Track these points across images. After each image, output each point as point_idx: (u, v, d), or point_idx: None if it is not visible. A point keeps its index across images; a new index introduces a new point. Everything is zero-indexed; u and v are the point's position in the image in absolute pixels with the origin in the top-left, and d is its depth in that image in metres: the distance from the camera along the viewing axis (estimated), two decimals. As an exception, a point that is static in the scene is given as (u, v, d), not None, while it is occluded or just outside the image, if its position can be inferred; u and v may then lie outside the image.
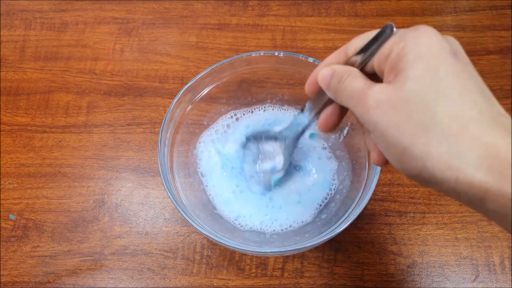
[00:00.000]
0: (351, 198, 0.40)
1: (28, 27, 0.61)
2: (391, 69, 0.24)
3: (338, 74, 0.27)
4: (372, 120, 0.24)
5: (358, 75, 0.27)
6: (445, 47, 0.23)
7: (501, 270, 0.43)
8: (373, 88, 0.25)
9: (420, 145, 0.22)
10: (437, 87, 0.22)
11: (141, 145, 0.52)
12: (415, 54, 0.23)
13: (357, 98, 0.25)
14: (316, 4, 0.60)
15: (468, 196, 0.21)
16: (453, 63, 0.23)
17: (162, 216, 0.48)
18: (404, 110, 0.23)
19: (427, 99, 0.22)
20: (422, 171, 0.23)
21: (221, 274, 0.44)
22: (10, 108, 0.55)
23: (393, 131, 0.23)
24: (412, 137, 0.22)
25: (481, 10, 0.59)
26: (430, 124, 0.22)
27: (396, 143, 0.23)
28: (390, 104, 0.23)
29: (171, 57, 0.57)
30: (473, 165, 0.21)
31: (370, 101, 0.24)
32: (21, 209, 0.48)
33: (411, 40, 0.23)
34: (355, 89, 0.26)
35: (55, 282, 0.45)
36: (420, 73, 0.23)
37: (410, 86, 0.22)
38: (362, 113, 0.25)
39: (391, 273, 0.44)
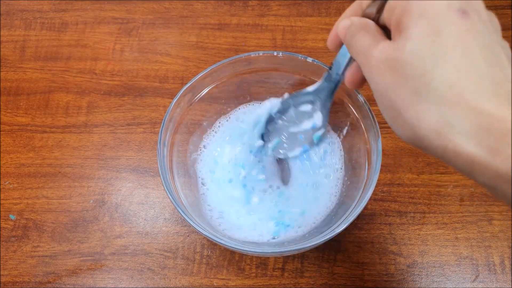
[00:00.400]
0: (351, 198, 0.40)
1: (28, 27, 0.61)
2: (396, 25, 0.23)
3: (354, 27, 0.27)
4: (373, 80, 0.24)
5: (371, 29, 0.26)
6: (454, 4, 0.21)
7: (501, 270, 0.43)
8: (377, 46, 0.24)
9: (413, 112, 0.22)
10: (437, 50, 0.21)
11: (141, 145, 0.52)
12: (419, 10, 0.22)
13: (363, 55, 0.25)
14: (316, 4, 0.60)
15: (456, 165, 0.21)
16: (459, 22, 0.21)
17: (162, 216, 0.48)
18: (401, 73, 0.22)
19: (425, 63, 0.21)
20: (412, 137, 0.22)
21: (221, 274, 0.44)
22: (10, 108, 0.55)
23: (390, 94, 0.23)
24: (407, 102, 0.22)
25: (481, 10, 0.59)
26: (425, 91, 0.21)
27: (391, 106, 0.23)
28: (389, 66, 0.23)
29: (171, 57, 0.57)
30: (464, 136, 0.20)
31: (373, 60, 0.24)
32: (21, 209, 0.48)
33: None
34: (363, 46, 0.25)
35: (55, 282, 0.45)
36: (421, 34, 0.21)
37: (409, 47, 0.22)
38: (366, 72, 0.25)
39: (391, 273, 0.44)
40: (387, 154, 0.49)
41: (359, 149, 0.42)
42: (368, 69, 0.24)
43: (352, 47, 0.27)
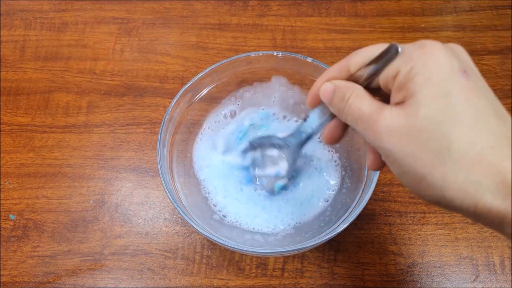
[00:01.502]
0: (351, 198, 0.40)
1: (28, 27, 0.61)
2: (399, 89, 0.24)
3: (341, 91, 0.27)
4: (386, 148, 0.24)
5: (363, 94, 0.26)
6: (455, 66, 0.23)
7: (501, 270, 0.43)
8: (383, 113, 0.24)
9: (438, 175, 0.22)
10: (451, 113, 0.22)
11: (141, 145, 0.52)
12: (425, 76, 0.22)
13: (365, 123, 0.25)
14: (316, 4, 0.60)
15: (487, 221, 0.22)
16: (464, 83, 0.22)
17: (162, 216, 0.48)
18: (419, 139, 0.22)
19: (442, 127, 0.22)
20: (440, 199, 0.23)
21: (221, 274, 0.44)
22: (10, 108, 0.55)
23: (409, 160, 0.23)
24: (429, 166, 0.22)
25: (481, 10, 0.59)
26: (447, 153, 0.22)
27: (412, 172, 0.23)
28: (403, 133, 0.23)
29: (171, 57, 0.57)
30: (490, 193, 0.21)
31: (382, 128, 0.24)
32: (21, 209, 0.48)
33: (419, 61, 0.23)
34: (362, 112, 0.25)
35: (55, 282, 0.45)
36: (432, 99, 0.22)
37: (423, 113, 0.22)
38: (373, 139, 0.24)
39: (391, 273, 0.44)
40: (387, 154, 0.49)
41: (359, 149, 0.42)
42: (378, 136, 0.24)
43: (346, 113, 0.26)
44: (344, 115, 0.27)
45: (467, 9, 0.59)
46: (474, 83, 0.23)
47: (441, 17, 0.59)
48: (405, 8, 0.60)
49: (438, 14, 0.59)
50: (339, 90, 0.27)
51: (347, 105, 0.26)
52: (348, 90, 0.26)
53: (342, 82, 0.27)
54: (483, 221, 0.22)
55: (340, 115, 0.27)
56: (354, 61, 0.27)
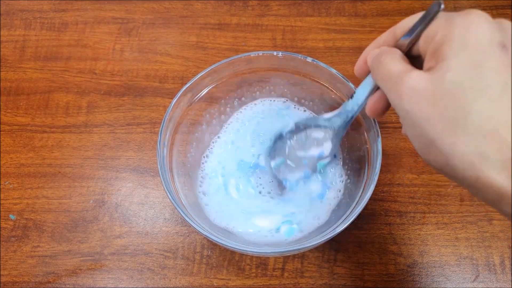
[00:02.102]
0: (351, 198, 0.40)
1: (28, 27, 0.61)
2: (434, 53, 0.23)
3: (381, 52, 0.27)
4: (404, 108, 0.24)
5: (398, 56, 0.26)
6: (495, 38, 0.22)
7: (501, 270, 0.43)
8: (410, 74, 0.24)
9: (447, 141, 0.22)
10: (478, 84, 0.21)
11: (141, 145, 0.52)
12: (461, 42, 0.22)
13: (392, 82, 0.25)
14: (316, 4, 0.60)
15: (485, 196, 0.21)
16: (500, 57, 0.21)
17: (162, 216, 0.48)
18: (439, 104, 0.22)
19: (465, 96, 0.21)
20: (444, 165, 0.23)
21: (221, 274, 0.44)
22: (10, 108, 0.55)
23: (423, 123, 0.23)
24: (441, 132, 0.22)
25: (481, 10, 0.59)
26: (462, 122, 0.21)
27: (424, 135, 0.23)
28: (425, 95, 0.22)
29: (171, 57, 0.57)
30: (496, 168, 0.20)
31: (405, 88, 0.23)
32: (21, 209, 0.48)
33: (459, 26, 0.22)
34: (391, 72, 0.25)
35: (55, 282, 0.45)
36: (463, 66, 0.22)
37: (449, 78, 0.22)
38: (394, 99, 0.24)
39: (391, 273, 0.44)
40: (387, 154, 0.49)
41: (359, 149, 0.42)
42: (398, 96, 0.24)
43: (379, 72, 0.26)
44: (375, 74, 0.27)
45: (467, 9, 0.59)
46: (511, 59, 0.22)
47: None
48: (405, 8, 0.60)
49: (438, 14, 0.59)
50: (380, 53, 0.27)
51: (380, 65, 0.26)
52: (384, 51, 0.26)
53: (387, 47, 0.27)
54: (481, 195, 0.22)
55: (374, 75, 0.27)
56: (400, 25, 0.27)
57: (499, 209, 0.21)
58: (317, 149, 0.41)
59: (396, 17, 0.59)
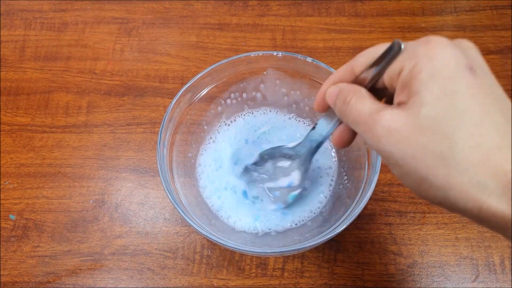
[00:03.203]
0: (351, 198, 0.40)
1: (28, 27, 0.61)
2: (403, 87, 0.23)
3: (344, 93, 0.26)
4: (385, 150, 0.23)
5: (365, 95, 0.25)
6: (461, 62, 0.21)
7: (501, 270, 0.43)
8: (383, 113, 0.23)
9: (441, 176, 0.21)
10: (455, 112, 0.21)
11: (141, 145, 0.52)
12: (429, 73, 0.21)
13: (365, 124, 0.24)
14: (316, 4, 0.60)
15: (490, 225, 0.21)
16: (470, 80, 0.21)
17: (162, 216, 0.48)
18: (421, 139, 0.21)
19: (445, 127, 0.21)
20: (443, 200, 0.22)
21: (221, 274, 0.44)
22: (10, 108, 0.55)
23: (410, 161, 0.22)
24: (431, 168, 0.21)
25: (481, 10, 0.59)
26: (450, 154, 0.21)
27: (413, 173, 0.22)
28: (404, 133, 0.22)
29: (171, 57, 0.57)
30: (496, 196, 0.20)
31: (381, 129, 0.23)
32: (21, 209, 0.48)
33: (424, 56, 0.22)
34: (362, 113, 0.24)
35: (55, 282, 0.45)
36: (436, 97, 0.21)
37: (425, 112, 0.21)
38: (372, 141, 0.24)
39: (391, 273, 0.44)
40: (387, 154, 0.49)
41: (359, 149, 0.42)
42: (376, 139, 0.23)
43: (348, 116, 0.26)
44: (345, 117, 0.26)
45: (467, 9, 0.59)
46: (481, 80, 0.21)
47: (441, 17, 0.59)
48: (405, 8, 0.60)
49: (438, 14, 0.59)
50: (342, 92, 0.26)
51: (348, 107, 0.25)
52: (350, 92, 0.26)
53: (347, 84, 0.27)
54: (487, 224, 0.21)
55: (342, 117, 0.27)
56: (359, 62, 0.27)
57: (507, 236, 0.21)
58: (286, 179, 0.41)
59: (396, 17, 0.59)
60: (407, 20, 0.59)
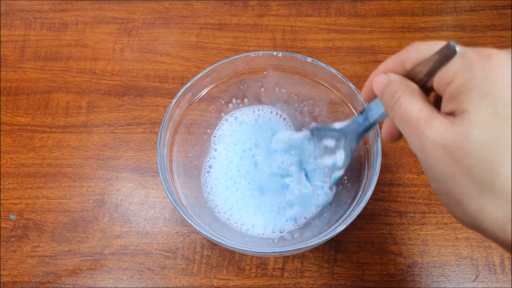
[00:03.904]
0: (351, 198, 0.40)
1: (28, 27, 0.61)
2: (450, 99, 0.22)
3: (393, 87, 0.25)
4: (427, 162, 0.22)
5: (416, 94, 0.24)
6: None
7: (501, 270, 0.43)
8: (431, 124, 0.22)
9: (475, 205, 0.21)
10: (505, 142, 0.19)
11: (141, 145, 0.52)
12: (482, 93, 0.20)
13: (412, 129, 0.23)
14: (316, 4, 0.60)
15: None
16: None
17: (162, 216, 0.48)
18: (464, 163, 0.20)
19: (492, 156, 0.20)
20: (474, 225, 0.21)
21: (221, 274, 0.44)
22: (10, 108, 0.55)
23: (449, 181, 0.21)
24: (468, 194, 0.21)
25: (481, 10, 0.59)
26: (490, 185, 0.20)
27: (450, 193, 0.22)
28: (449, 151, 0.21)
29: (171, 57, 0.57)
30: None
31: (428, 141, 0.22)
32: (21, 209, 0.48)
33: (479, 73, 0.20)
34: (410, 116, 0.23)
35: (55, 282, 0.45)
36: (487, 121, 0.20)
37: (474, 135, 0.20)
38: (415, 148, 0.23)
39: (391, 273, 0.44)
40: (387, 154, 0.49)
41: (359, 149, 0.42)
42: (420, 148, 0.22)
43: (395, 113, 0.24)
44: (392, 113, 0.25)
45: (467, 9, 0.59)
46: None
47: (441, 17, 0.59)
48: (405, 8, 0.60)
49: (438, 14, 0.59)
50: (391, 85, 0.25)
51: (396, 104, 0.24)
52: (400, 88, 0.24)
53: (397, 77, 0.25)
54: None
55: (389, 112, 0.25)
56: (410, 57, 0.25)
57: None
58: (331, 158, 0.40)
59: (396, 17, 0.59)
60: (407, 20, 0.59)
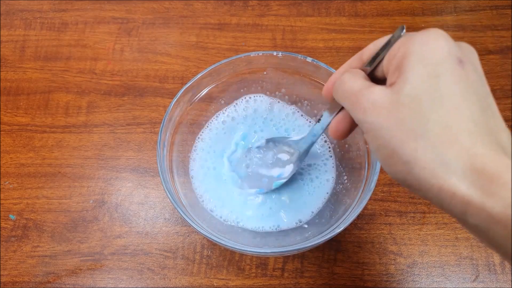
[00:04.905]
0: (351, 198, 0.40)
1: (28, 27, 0.61)
2: (395, 69, 0.24)
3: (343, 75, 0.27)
4: (367, 121, 0.24)
5: (358, 74, 0.26)
6: (452, 53, 0.22)
7: (501, 270, 0.43)
8: (371, 89, 0.24)
9: (408, 150, 0.22)
10: (434, 95, 0.22)
11: (141, 145, 0.52)
12: (419, 56, 0.23)
13: (353, 97, 0.25)
14: (316, 4, 0.60)
15: (450, 207, 0.21)
16: (457, 70, 0.22)
17: (162, 216, 0.48)
18: (398, 114, 0.22)
19: (422, 106, 0.22)
20: (407, 175, 0.23)
21: (221, 274, 0.44)
22: (10, 108, 0.55)
23: (385, 133, 0.23)
24: (402, 141, 0.22)
25: (481, 10, 0.59)
26: (421, 131, 0.22)
27: (385, 145, 0.23)
28: (385, 107, 0.23)
29: (171, 57, 0.57)
30: (458, 176, 0.20)
31: (367, 102, 0.24)
32: (21, 209, 0.48)
33: (418, 41, 0.23)
34: (353, 88, 0.26)
35: (55, 282, 0.45)
36: (420, 78, 0.22)
37: (407, 90, 0.22)
38: (357, 113, 0.25)
39: (391, 273, 0.44)
40: (387, 154, 0.49)
41: (359, 149, 0.42)
42: (362, 111, 0.24)
43: (340, 90, 0.27)
44: (337, 92, 0.27)
45: (467, 9, 0.59)
46: (468, 73, 0.22)
47: (441, 17, 0.59)
48: (405, 8, 0.60)
49: (438, 14, 0.59)
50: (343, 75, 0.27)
51: (342, 82, 0.27)
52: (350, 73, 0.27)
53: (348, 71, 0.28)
54: (447, 206, 0.21)
55: (335, 95, 0.28)
56: (368, 50, 0.28)
57: (466, 221, 0.21)
58: (278, 170, 0.42)
59: (396, 17, 0.59)
60: (407, 20, 0.59)
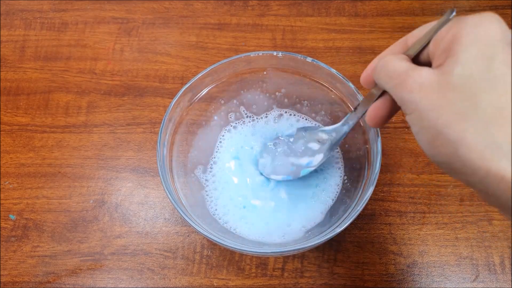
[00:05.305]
0: (351, 198, 0.40)
1: (28, 27, 0.61)
2: (443, 51, 0.23)
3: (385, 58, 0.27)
4: (414, 101, 0.23)
5: (404, 58, 0.26)
6: (506, 36, 0.22)
7: (501, 270, 0.43)
8: (418, 70, 0.24)
9: (456, 131, 0.21)
10: (488, 76, 0.21)
11: (141, 145, 0.52)
12: (471, 38, 0.22)
13: (398, 78, 0.24)
14: (316, 4, 0.60)
15: (496, 192, 0.20)
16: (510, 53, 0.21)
17: (162, 216, 0.48)
18: (449, 95, 0.22)
19: (475, 87, 0.21)
20: (452, 157, 0.22)
21: (221, 274, 0.44)
22: (10, 108, 0.55)
23: (431, 114, 0.22)
24: (450, 122, 0.21)
25: (481, 10, 0.59)
26: (472, 112, 0.21)
27: (431, 126, 0.22)
28: (434, 88, 0.22)
29: (171, 57, 0.57)
30: (508, 159, 0.19)
31: (413, 83, 0.23)
32: (21, 209, 0.48)
33: (470, 24, 0.22)
34: (398, 70, 0.25)
35: (55, 282, 0.45)
36: (473, 59, 0.21)
37: (459, 71, 0.22)
38: (403, 94, 0.24)
39: (391, 273, 0.44)
40: (387, 154, 0.49)
41: (359, 149, 0.42)
42: (407, 90, 0.24)
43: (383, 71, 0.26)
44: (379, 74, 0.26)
45: (467, 9, 0.59)
46: None
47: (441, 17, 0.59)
48: (405, 8, 0.60)
49: (438, 14, 0.59)
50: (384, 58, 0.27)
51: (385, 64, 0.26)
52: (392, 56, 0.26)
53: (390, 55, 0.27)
54: (493, 191, 0.20)
55: (377, 77, 0.27)
56: (412, 34, 0.27)
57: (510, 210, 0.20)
58: (308, 159, 0.42)
59: (396, 17, 0.59)
60: (407, 20, 0.59)
